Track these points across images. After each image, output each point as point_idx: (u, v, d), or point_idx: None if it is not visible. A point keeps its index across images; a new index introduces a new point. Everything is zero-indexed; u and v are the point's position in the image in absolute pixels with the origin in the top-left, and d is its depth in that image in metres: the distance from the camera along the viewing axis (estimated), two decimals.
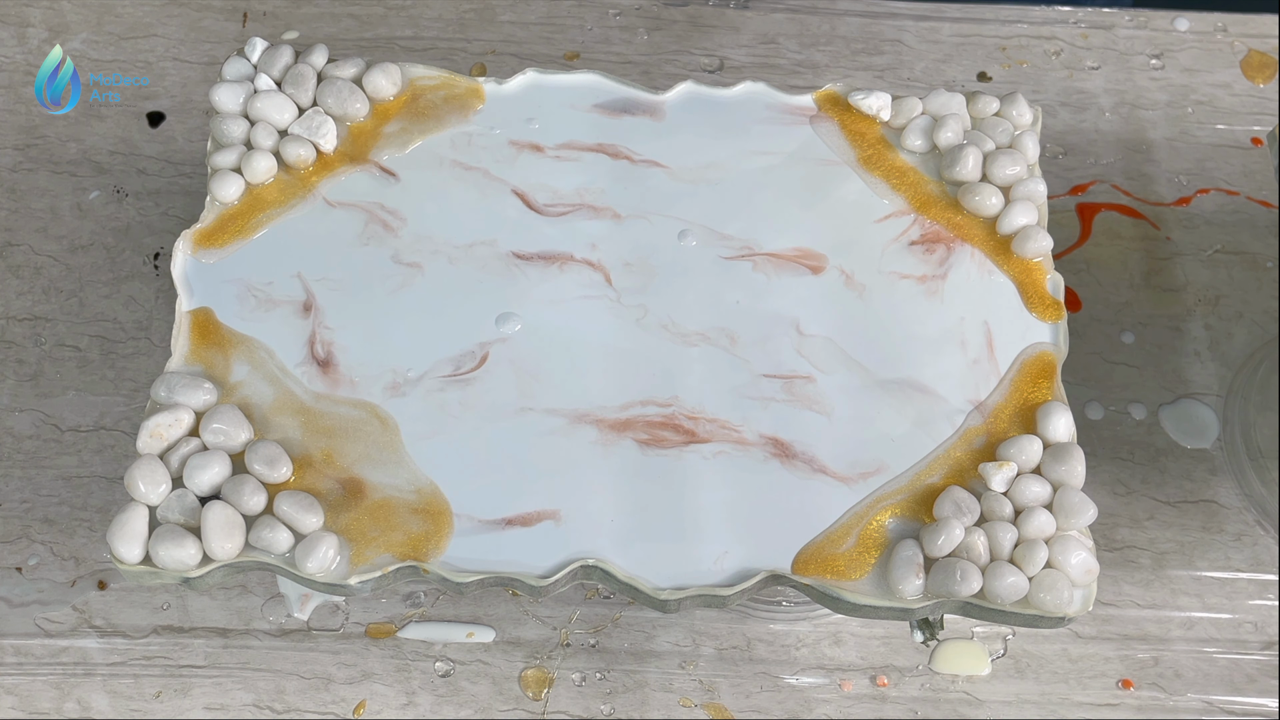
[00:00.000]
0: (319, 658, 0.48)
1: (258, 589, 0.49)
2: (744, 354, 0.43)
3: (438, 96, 0.48)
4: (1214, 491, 0.53)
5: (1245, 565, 0.52)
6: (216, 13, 0.63)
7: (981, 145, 0.47)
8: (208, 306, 0.43)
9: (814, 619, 0.49)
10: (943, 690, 0.48)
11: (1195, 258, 0.59)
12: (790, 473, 0.41)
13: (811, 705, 0.48)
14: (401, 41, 0.63)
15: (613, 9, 0.65)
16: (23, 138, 0.59)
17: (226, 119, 0.46)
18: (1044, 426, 0.42)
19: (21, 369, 0.53)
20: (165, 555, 0.38)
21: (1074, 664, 0.49)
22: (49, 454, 0.51)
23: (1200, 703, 0.49)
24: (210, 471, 0.39)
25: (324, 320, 0.43)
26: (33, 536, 0.50)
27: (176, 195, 0.57)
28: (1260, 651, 0.50)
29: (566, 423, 0.42)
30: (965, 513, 0.40)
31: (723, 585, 0.39)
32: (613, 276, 0.45)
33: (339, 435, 0.41)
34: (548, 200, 0.46)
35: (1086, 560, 0.39)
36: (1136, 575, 0.51)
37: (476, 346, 0.43)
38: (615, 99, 0.49)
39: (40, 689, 0.47)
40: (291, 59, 0.48)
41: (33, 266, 0.55)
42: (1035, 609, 0.39)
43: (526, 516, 0.40)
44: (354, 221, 0.45)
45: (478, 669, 0.48)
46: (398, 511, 0.40)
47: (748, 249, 0.46)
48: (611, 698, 0.48)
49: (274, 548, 0.38)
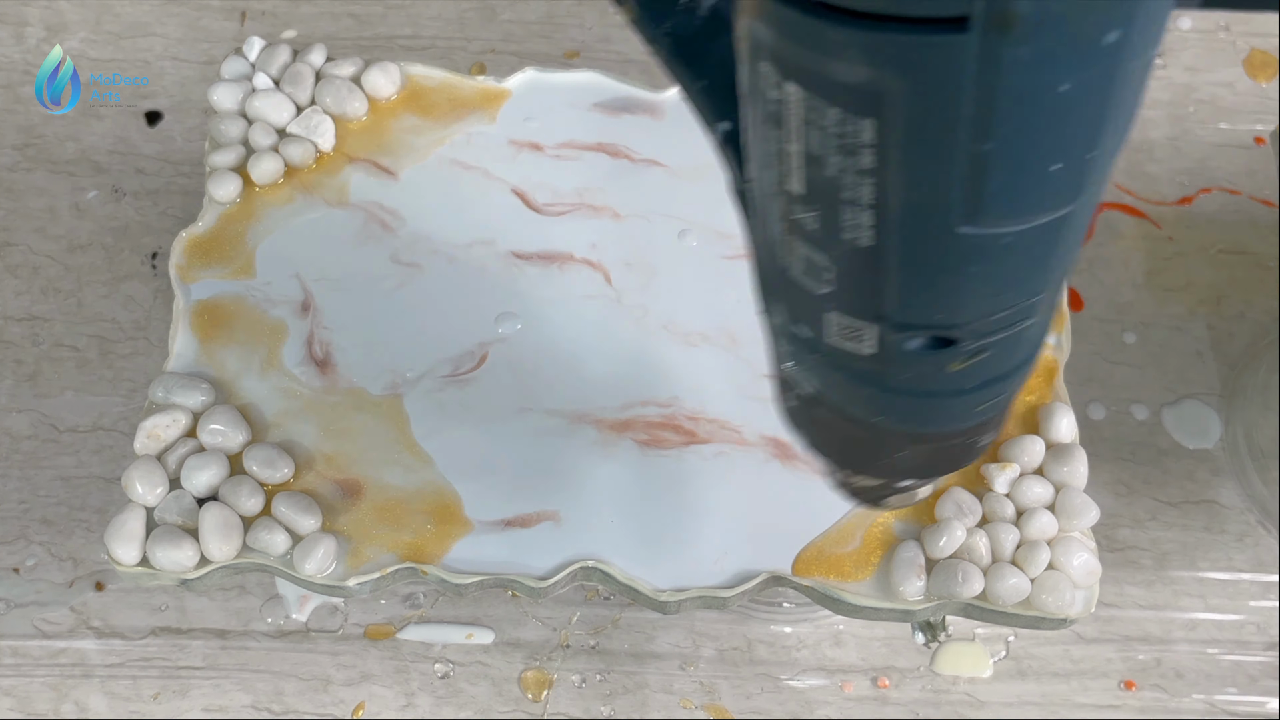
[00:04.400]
0: (318, 659, 0.48)
1: (256, 590, 0.49)
2: (744, 354, 0.43)
3: (437, 95, 0.48)
4: (1216, 492, 0.53)
5: (1247, 566, 0.52)
6: (215, 12, 0.63)
7: None
8: (206, 306, 0.43)
9: (815, 620, 0.49)
10: (944, 692, 0.48)
11: (1197, 257, 0.59)
12: (791, 473, 0.41)
13: (812, 707, 0.48)
14: (400, 40, 0.62)
15: (613, 7, 0.65)
16: (21, 137, 0.58)
17: (224, 118, 0.46)
18: (1046, 427, 0.42)
19: (19, 369, 0.53)
20: (163, 557, 0.38)
21: (1076, 665, 0.49)
22: (47, 454, 0.51)
23: (1202, 704, 0.49)
24: (208, 472, 0.39)
25: (322, 320, 0.43)
26: (30, 537, 0.49)
27: (175, 195, 0.57)
28: (1262, 652, 0.50)
29: (566, 423, 0.41)
30: (967, 514, 0.40)
31: (723, 586, 0.39)
32: (613, 276, 0.45)
33: (338, 436, 0.41)
34: (547, 200, 0.46)
35: (1089, 561, 0.39)
36: (1138, 576, 0.51)
37: (476, 346, 0.43)
38: (615, 98, 0.49)
39: (38, 690, 0.47)
40: (290, 58, 0.47)
41: (31, 266, 0.55)
42: (1037, 610, 0.39)
43: (526, 517, 0.40)
44: (352, 221, 0.45)
45: (477, 670, 0.48)
46: (401, 512, 0.39)
47: (748, 248, 0.46)
48: (611, 699, 0.47)
49: (272, 549, 0.38)
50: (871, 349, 0.23)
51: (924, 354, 0.23)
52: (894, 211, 0.19)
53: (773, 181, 0.21)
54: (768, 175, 0.21)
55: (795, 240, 0.22)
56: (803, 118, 0.19)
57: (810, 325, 0.24)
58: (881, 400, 0.25)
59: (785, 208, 0.21)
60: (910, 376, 0.24)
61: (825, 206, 0.20)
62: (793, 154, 0.20)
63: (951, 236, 0.20)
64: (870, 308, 0.22)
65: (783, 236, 0.22)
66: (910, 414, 0.25)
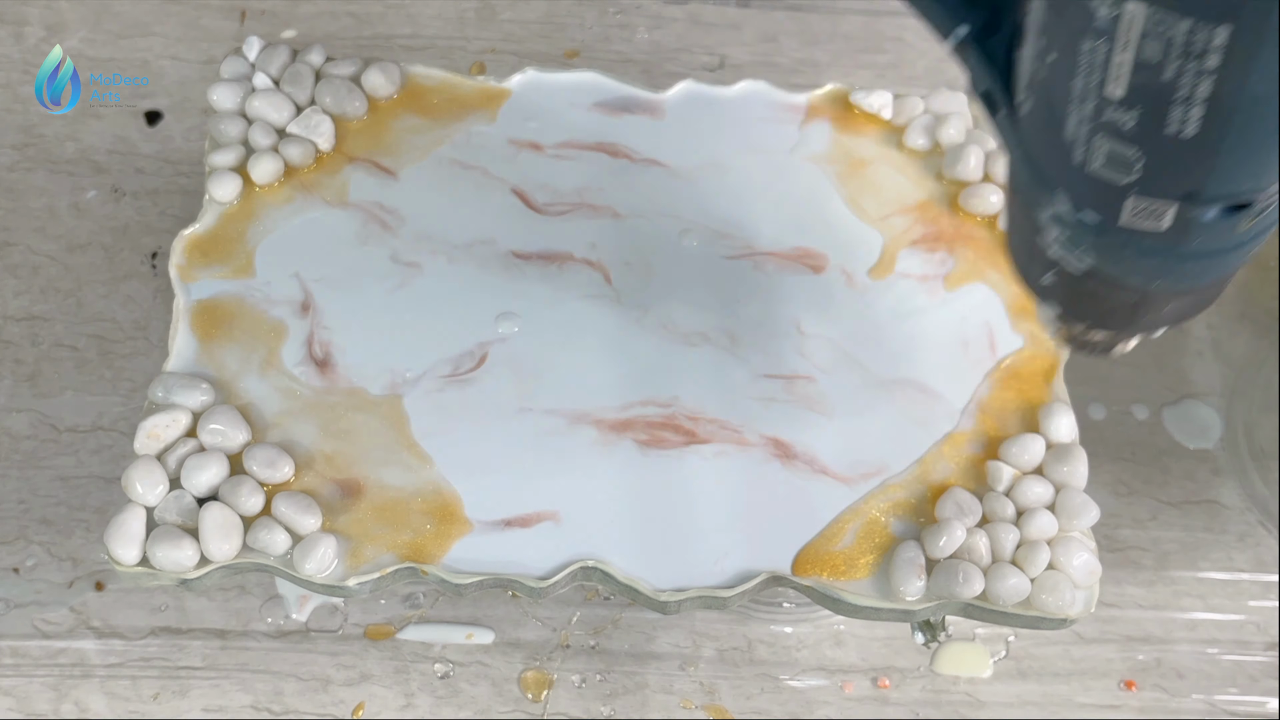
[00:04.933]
0: (317, 659, 0.48)
1: (256, 590, 0.49)
2: (744, 354, 0.43)
3: (437, 95, 0.48)
4: (1217, 492, 0.53)
5: (1248, 566, 0.52)
6: (214, 11, 0.63)
7: (984, 144, 0.47)
8: (206, 306, 0.43)
9: (815, 620, 0.49)
10: (944, 692, 0.48)
11: None
12: (791, 473, 0.41)
13: (813, 707, 0.48)
14: (400, 40, 0.62)
15: (613, 7, 0.65)
16: (20, 137, 0.58)
17: (224, 118, 0.46)
18: (1046, 427, 0.42)
19: (19, 369, 0.53)
20: (162, 557, 0.38)
21: (1076, 665, 0.49)
22: (46, 454, 0.51)
23: (1203, 704, 0.49)
24: (208, 472, 0.39)
25: (322, 320, 0.43)
26: (30, 537, 0.49)
27: (174, 194, 0.57)
28: (1263, 653, 0.50)
29: (566, 423, 0.41)
30: (967, 514, 0.40)
31: (723, 587, 0.39)
32: (612, 276, 0.45)
33: (338, 436, 0.41)
34: (547, 199, 0.46)
35: (1089, 561, 0.39)
36: (1139, 576, 0.51)
37: (475, 346, 0.43)
38: (615, 97, 0.49)
39: (37, 690, 0.46)
40: (289, 57, 0.47)
41: (30, 266, 0.55)
42: (1037, 611, 0.39)
43: (526, 517, 0.40)
44: (352, 221, 0.45)
45: (477, 670, 0.48)
46: (401, 512, 0.39)
47: (748, 248, 0.46)
48: (612, 699, 0.47)
49: (272, 549, 0.38)
50: (1169, 223, 0.25)
51: (1219, 220, 0.25)
52: (1231, 102, 0.22)
53: (1083, 88, 0.23)
54: (1075, 82, 0.23)
55: (1102, 138, 0.24)
56: (1142, 30, 0.21)
57: (1101, 211, 0.26)
58: (1167, 266, 0.27)
59: (1095, 110, 0.23)
60: (1201, 241, 0.26)
61: (1151, 106, 0.22)
62: (1121, 63, 0.22)
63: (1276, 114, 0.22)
64: (1178, 188, 0.24)
65: (1086, 136, 0.24)
66: (1192, 273, 0.27)
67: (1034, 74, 0.25)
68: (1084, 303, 0.31)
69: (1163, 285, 0.28)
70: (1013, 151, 0.28)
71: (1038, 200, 0.28)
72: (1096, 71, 0.23)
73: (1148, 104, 0.22)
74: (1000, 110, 0.28)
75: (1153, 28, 0.21)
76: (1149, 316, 0.30)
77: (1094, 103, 0.23)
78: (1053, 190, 0.27)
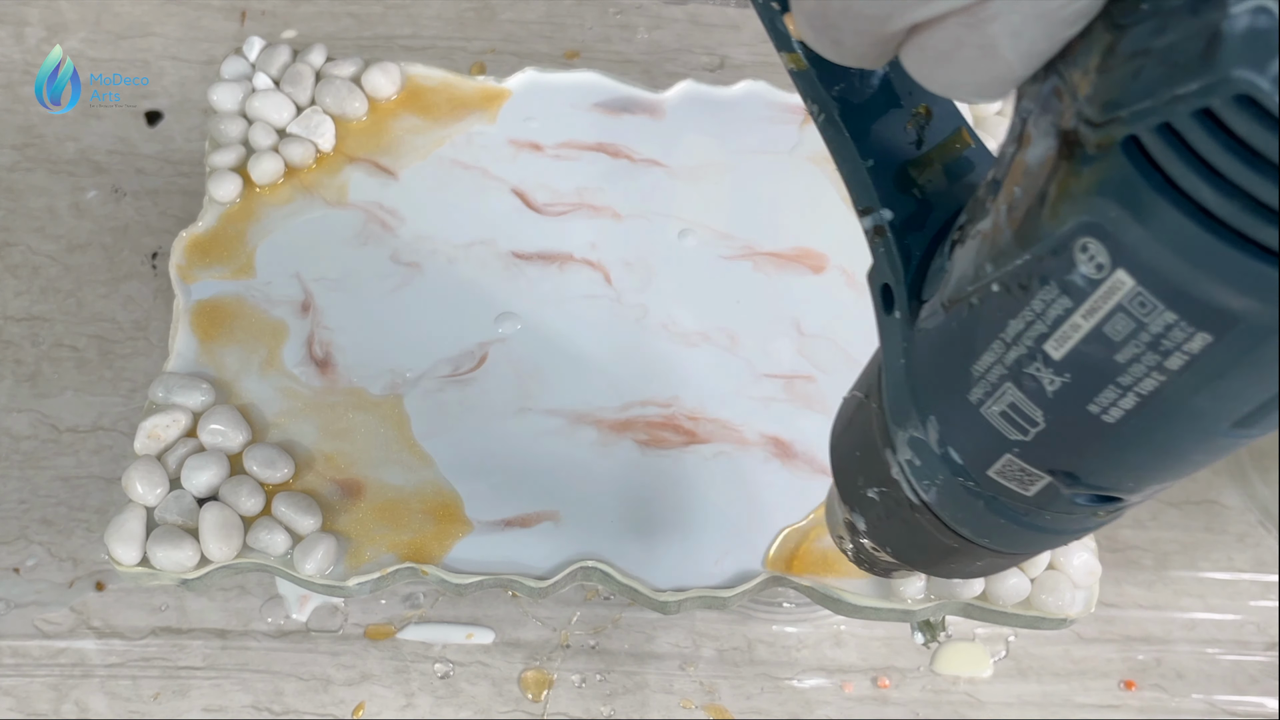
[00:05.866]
0: (317, 659, 0.48)
1: (256, 590, 0.49)
2: (744, 354, 0.43)
3: (437, 95, 0.48)
4: (1217, 492, 0.53)
5: (1248, 566, 0.52)
6: (215, 11, 0.63)
7: None
8: (206, 306, 0.43)
9: (815, 620, 0.49)
10: (944, 691, 0.48)
11: None
12: (791, 473, 0.41)
13: (813, 707, 0.48)
14: (400, 40, 0.62)
15: (613, 7, 0.64)
16: (20, 137, 0.58)
17: (224, 118, 0.46)
18: None
19: (19, 369, 0.53)
20: (163, 557, 0.38)
21: (1076, 665, 0.49)
22: (46, 454, 0.51)
23: (1202, 704, 0.49)
24: (208, 472, 0.39)
25: (322, 320, 0.43)
26: (30, 537, 0.49)
27: (174, 194, 0.57)
28: (1262, 653, 0.50)
29: (566, 423, 0.41)
30: None
31: (723, 587, 0.39)
32: (612, 276, 0.45)
33: (338, 436, 0.41)
34: (547, 199, 0.46)
35: (1089, 562, 0.39)
36: (1139, 576, 0.51)
37: (476, 346, 0.43)
38: (615, 98, 0.49)
39: (38, 690, 0.46)
40: (290, 58, 0.47)
41: (30, 266, 0.55)
42: (1037, 610, 0.39)
43: (526, 517, 0.40)
44: (352, 221, 0.45)
45: (477, 670, 0.48)
46: (401, 512, 0.39)
47: (748, 248, 0.46)
48: (612, 699, 0.47)
49: (272, 549, 0.38)
50: (1034, 493, 0.23)
51: (1084, 505, 0.23)
52: (1168, 407, 0.19)
53: (1017, 333, 0.20)
54: (1011, 324, 0.20)
55: (1013, 389, 0.21)
56: (1117, 304, 0.18)
57: (969, 455, 0.23)
58: (1006, 528, 0.24)
59: (1020, 360, 0.20)
60: (1054, 518, 0.23)
61: (1084, 379, 0.20)
62: (1076, 325, 0.19)
63: (1209, 436, 0.20)
64: (1063, 464, 0.22)
65: (996, 380, 0.21)
66: (1024, 542, 0.25)
67: (961, 293, 0.22)
68: (897, 530, 0.28)
69: (990, 543, 0.25)
70: (893, 357, 0.25)
71: (903, 417, 0.25)
72: (1042, 324, 0.20)
73: (1082, 376, 0.20)
74: (895, 312, 0.24)
75: (1131, 306, 0.18)
76: (953, 565, 0.27)
77: (1022, 352, 0.20)
78: (925, 415, 0.24)
